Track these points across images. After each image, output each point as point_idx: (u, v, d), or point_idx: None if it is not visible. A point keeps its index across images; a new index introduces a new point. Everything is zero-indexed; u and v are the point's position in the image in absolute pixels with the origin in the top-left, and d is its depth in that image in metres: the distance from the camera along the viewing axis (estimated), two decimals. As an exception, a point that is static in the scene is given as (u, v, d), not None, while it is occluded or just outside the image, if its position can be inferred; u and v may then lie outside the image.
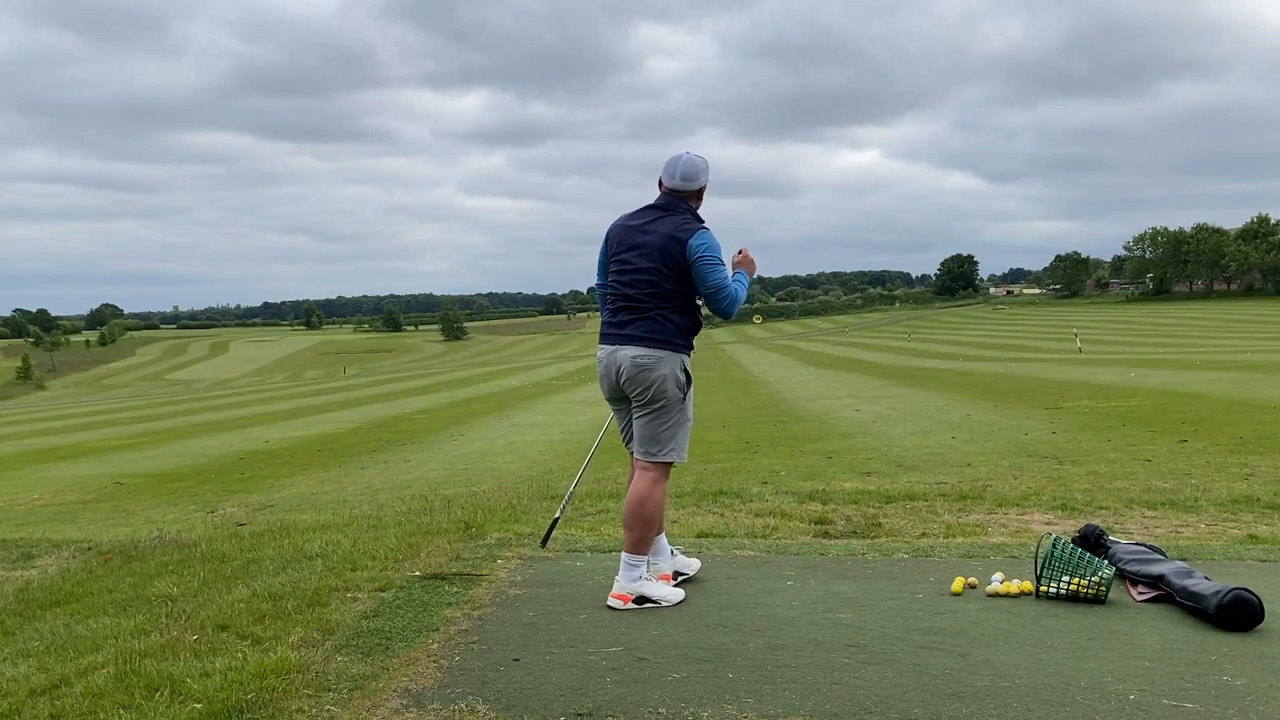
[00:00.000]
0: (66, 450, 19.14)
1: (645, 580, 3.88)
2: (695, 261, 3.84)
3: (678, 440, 3.95)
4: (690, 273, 3.87)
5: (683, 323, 3.93)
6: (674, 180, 3.96)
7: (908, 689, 2.88)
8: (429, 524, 5.57)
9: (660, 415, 3.91)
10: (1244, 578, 3.81)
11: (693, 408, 4.02)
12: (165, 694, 2.88)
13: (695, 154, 3.98)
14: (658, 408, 3.91)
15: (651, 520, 3.90)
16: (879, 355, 47.32)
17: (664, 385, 3.88)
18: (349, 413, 25.36)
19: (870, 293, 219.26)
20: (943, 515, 5.72)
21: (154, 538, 6.37)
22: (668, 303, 3.90)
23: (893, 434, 11.47)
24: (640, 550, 3.89)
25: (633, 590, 3.84)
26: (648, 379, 3.88)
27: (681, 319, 3.93)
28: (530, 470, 9.87)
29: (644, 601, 3.83)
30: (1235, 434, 9.63)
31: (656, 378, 3.88)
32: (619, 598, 3.84)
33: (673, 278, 3.88)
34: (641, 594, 3.84)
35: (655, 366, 3.88)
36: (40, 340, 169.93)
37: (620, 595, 3.84)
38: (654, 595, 3.85)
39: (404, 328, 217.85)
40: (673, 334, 3.91)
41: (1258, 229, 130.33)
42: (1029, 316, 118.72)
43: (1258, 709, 2.70)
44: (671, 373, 3.89)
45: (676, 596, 3.89)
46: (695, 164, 3.97)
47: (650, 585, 3.88)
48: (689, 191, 3.98)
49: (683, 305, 3.93)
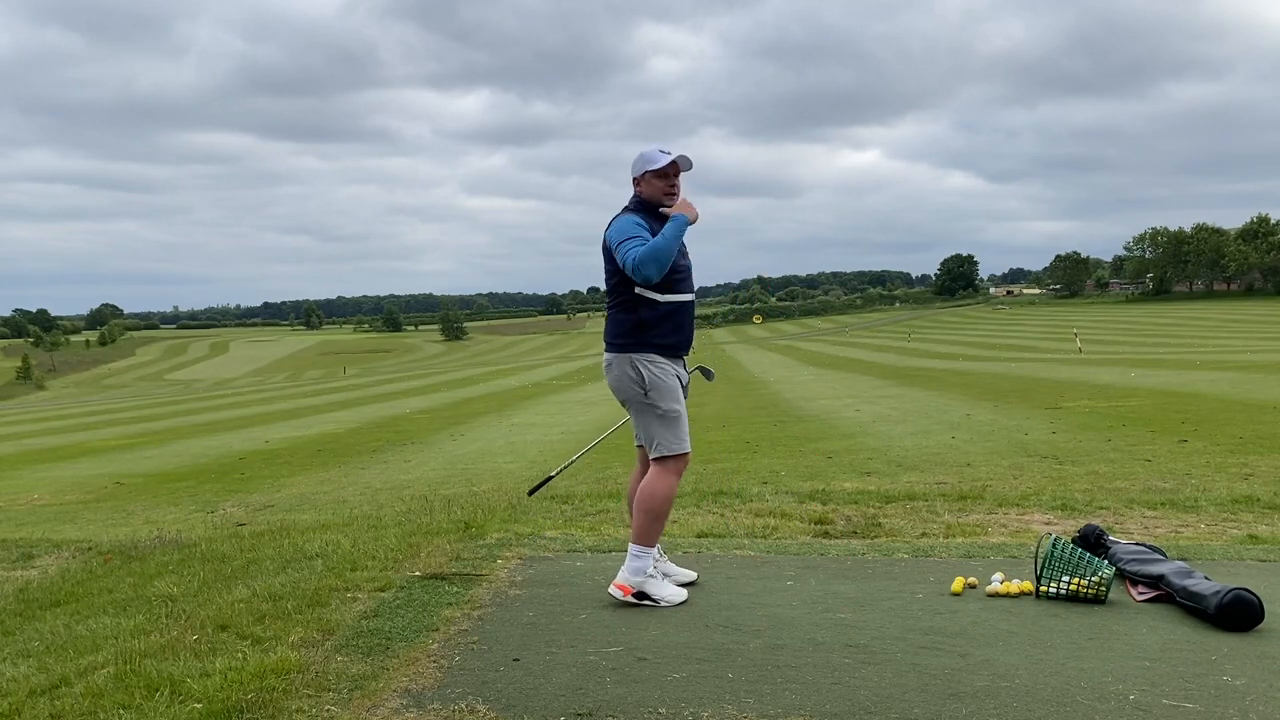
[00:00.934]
0: (66, 450, 19.15)
1: (651, 578, 3.88)
2: (614, 250, 3.86)
3: (665, 435, 3.92)
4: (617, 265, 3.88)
5: (628, 319, 3.92)
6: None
7: (908, 689, 2.88)
8: (429, 524, 5.57)
9: (636, 413, 3.98)
10: (1244, 578, 3.81)
11: (675, 401, 3.95)
12: (165, 694, 2.88)
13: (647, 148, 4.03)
14: (632, 407, 3.99)
15: (655, 512, 3.90)
16: (879, 355, 47.32)
17: (621, 384, 3.95)
18: (349, 413, 25.37)
19: (870, 293, 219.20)
20: (943, 515, 5.72)
21: (154, 538, 6.38)
22: (613, 299, 3.97)
23: (893, 434, 11.47)
24: (643, 541, 3.89)
25: (635, 584, 3.84)
26: (610, 381, 4.00)
27: (626, 315, 3.93)
28: (530, 470, 9.87)
29: (644, 598, 3.83)
30: (1235, 434, 9.63)
31: (613, 379, 3.97)
32: (619, 587, 3.85)
33: (611, 273, 3.94)
34: (644, 591, 3.84)
35: (610, 367, 3.98)
36: (40, 340, 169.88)
37: (621, 585, 3.86)
38: (654, 594, 3.84)
39: (404, 328, 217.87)
40: (621, 333, 3.94)
41: (1258, 229, 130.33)
42: (1029, 316, 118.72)
43: (1258, 709, 2.70)
44: (623, 372, 3.92)
45: (678, 598, 3.87)
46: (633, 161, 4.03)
47: (654, 584, 3.87)
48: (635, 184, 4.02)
49: (625, 301, 3.93)
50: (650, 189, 3.98)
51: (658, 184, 3.97)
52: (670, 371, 3.95)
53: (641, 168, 3.99)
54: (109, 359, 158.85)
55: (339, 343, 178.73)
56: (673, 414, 3.92)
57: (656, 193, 3.98)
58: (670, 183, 3.99)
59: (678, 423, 3.94)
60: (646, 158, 3.99)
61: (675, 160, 3.96)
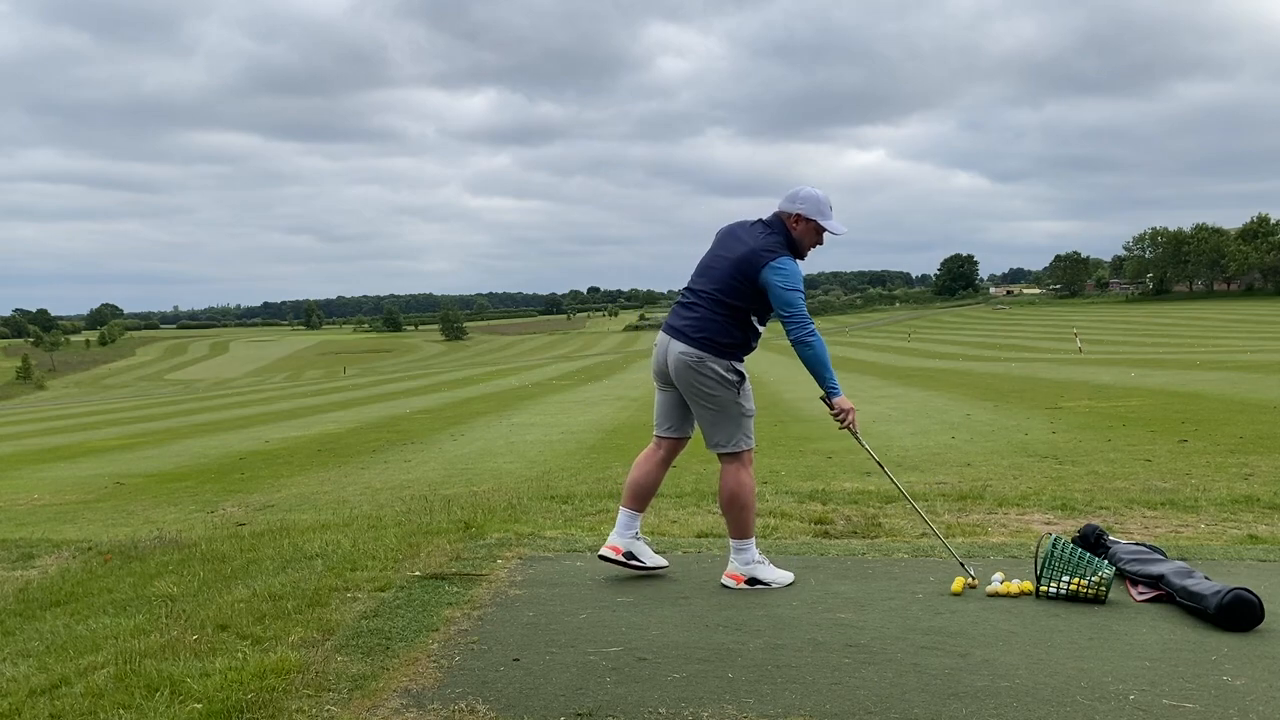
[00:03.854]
0: (67, 450, 19.14)
1: (758, 564, 4.09)
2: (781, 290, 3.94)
3: (742, 433, 4.10)
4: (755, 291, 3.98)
5: (737, 332, 4.05)
6: (783, 201, 4.13)
7: (908, 689, 2.88)
8: (429, 524, 5.57)
9: (717, 410, 4.06)
10: (1244, 578, 3.81)
11: (749, 401, 4.12)
12: (165, 694, 2.88)
13: (815, 189, 4.10)
14: (707, 405, 4.07)
15: (744, 503, 4.10)
16: (879, 355, 47.32)
17: (707, 381, 4.03)
18: (349, 413, 25.35)
19: (870, 292, 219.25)
20: (943, 515, 5.72)
21: (154, 538, 6.38)
22: (729, 310, 4.03)
23: (893, 434, 11.47)
24: (742, 535, 4.10)
25: (745, 572, 4.07)
26: (691, 377, 4.04)
27: (736, 328, 4.04)
28: (530, 470, 9.87)
29: (755, 583, 4.04)
30: (1235, 434, 9.62)
31: (700, 375, 4.03)
32: (732, 577, 4.08)
33: (740, 290, 4.00)
34: (754, 576, 4.06)
35: (698, 362, 4.02)
36: (40, 340, 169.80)
37: (734, 575, 4.08)
38: (765, 578, 4.06)
39: (404, 328, 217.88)
40: (726, 338, 4.03)
41: (1258, 229, 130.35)
42: (1029, 316, 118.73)
43: (1258, 709, 2.70)
44: (714, 372, 4.01)
45: (786, 579, 4.09)
46: (802, 191, 4.09)
47: (763, 569, 4.09)
48: (787, 214, 4.09)
49: (741, 316, 4.04)
50: (806, 236, 4.10)
51: (814, 237, 4.13)
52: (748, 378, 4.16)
53: (813, 214, 4.07)
54: (109, 359, 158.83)
55: (339, 343, 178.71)
56: (750, 412, 4.13)
57: (807, 243, 4.12)
58: (820, 243, 4.17)
59: (751, 421, 4.15)
60: (821, 207, 4.07)
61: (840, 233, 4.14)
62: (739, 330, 4.04)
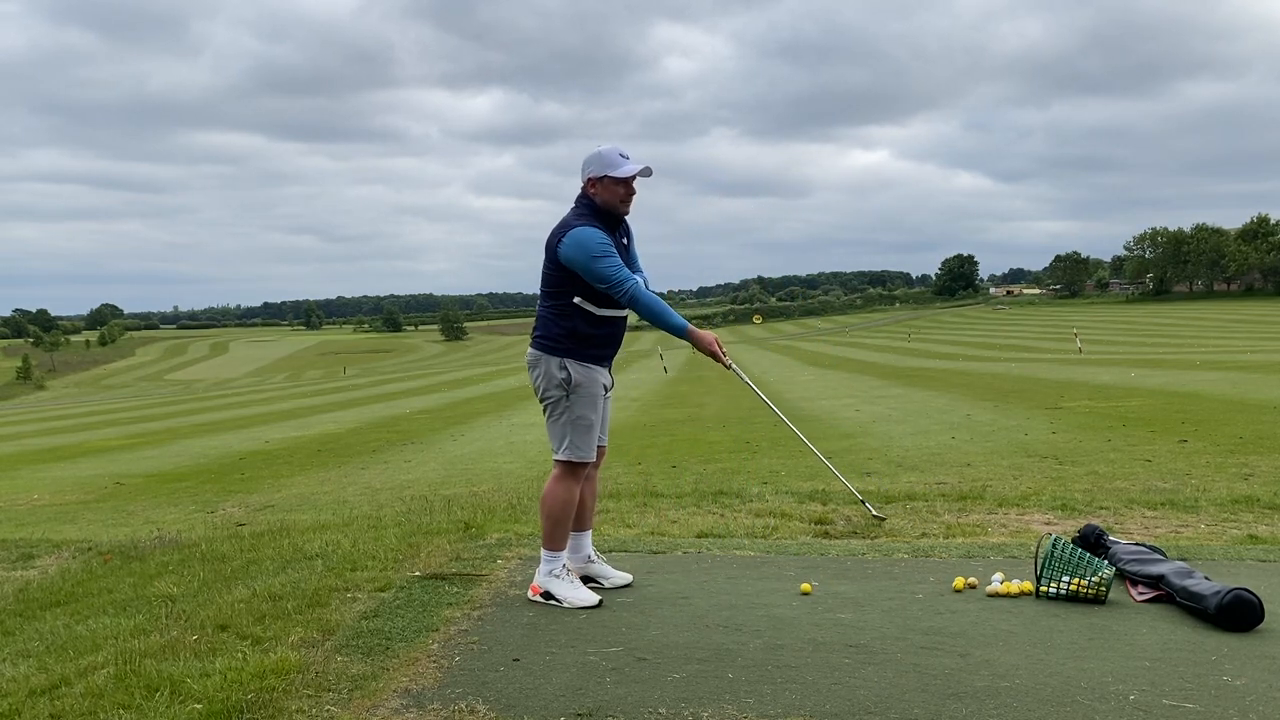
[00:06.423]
0: (66, 450, 19.14)
1: (555, 578, 3.91)
2: (585, 265, 3.72)
3: (575, 440, 3.90)
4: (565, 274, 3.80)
5: (563, 325, 3.86)
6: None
7: (908, 689, 2.88)
8: (429, 524, 5.57)
9: (552, 414, 3.93)
10: (1244, 578, 3.81)
11: (593, 410, 3.90)
12: (165, 694, 2.88)
13: (599, 146, 3.86)
14: (542, 406, 3.97)
15: (556, 517, 3.92)
16: (879, 355, 47.31)
17: (545, 384, 3.90)
18: (349, 413, 25.36)
19: (870, 293, 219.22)
20: (943, 515, 5.72)
21: (154, 538, 6.38)
22: (550, 300, 3.90)
23: (893, 434, 11.47)
24: (549, 546, 3.94)
25: (543, 584, 3.92)
26: (534, 378, 3.96)
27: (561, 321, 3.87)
28: (530, 470, 9.87)
29: (550, 598, 3.87)
30: (1235, 434, 9.62)
31: (538, 376, 3.93)
32: (532, 588, 3.96)
33: (551, 278, 3.86)
34: (549, 590, 3.89)
35: (535, 364, 3.94)
36: (40, 340, 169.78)
37: (533, 586, 3.96)
38: (558, 594, 3.87)
39: (403, 328, 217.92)
40: (553, 336, 3.88)
41: (1258, 229, 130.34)
42: (1029, 316, 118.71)
43: (1258, 709, 2.70)
44: (549, 371, 3.88)
45: (582, 600, 3.83)
46: (587, 156, 3.86)
47: (557, 583, 3.89)
48: (584, 185, 3.88)
49: (563, 307, 3.86)
50: (607, 195, 3.84)
51: (617, 190, 3.84)
52: (597, 379, 3.93)
53: (600, 170, 3.81)
54: (109, 359, 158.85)
55: (339, 343, 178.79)
56: (585, 421, 3.90)
57: (613, 199, 3.85)
58: (629, 190, 3.86)
59: (590, 431, 3.92)
60: (606, 160, 3.81)
61: (640, 172, 3.83)
62: (565, 320, 3.84)
